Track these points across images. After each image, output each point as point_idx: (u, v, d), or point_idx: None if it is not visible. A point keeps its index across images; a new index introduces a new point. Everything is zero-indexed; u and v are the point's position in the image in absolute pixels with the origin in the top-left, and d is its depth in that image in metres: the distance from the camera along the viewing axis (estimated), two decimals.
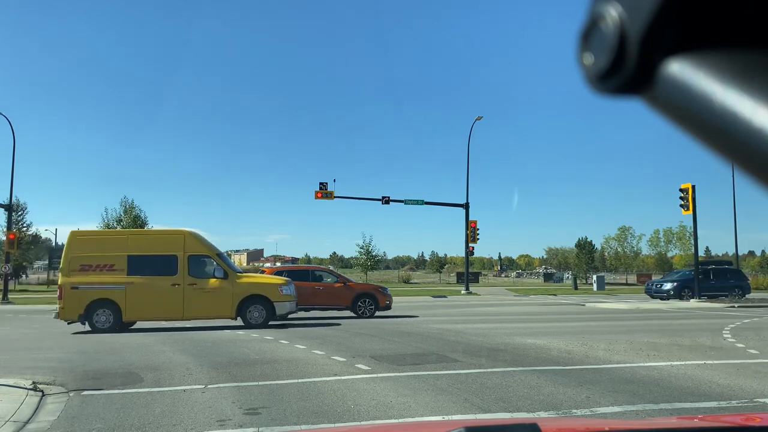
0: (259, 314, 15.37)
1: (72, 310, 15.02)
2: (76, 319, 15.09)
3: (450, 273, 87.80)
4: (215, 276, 15.41)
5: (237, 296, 15.33)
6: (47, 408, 6.48)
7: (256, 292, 15.49)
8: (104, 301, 15.01)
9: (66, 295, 15.06)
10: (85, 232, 16.51)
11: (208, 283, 15.33)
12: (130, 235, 16.78)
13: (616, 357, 9.62)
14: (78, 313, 14.99)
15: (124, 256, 15.22)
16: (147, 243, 15.72)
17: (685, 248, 62.87)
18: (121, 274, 15.13)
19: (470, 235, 37.40)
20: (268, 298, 15.45)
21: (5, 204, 34.20)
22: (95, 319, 14.96)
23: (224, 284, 15.34)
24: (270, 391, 7.00)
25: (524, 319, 17.84)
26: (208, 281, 15.35)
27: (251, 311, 15.37)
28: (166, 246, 15.50)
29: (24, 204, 56.37)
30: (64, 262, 15.41)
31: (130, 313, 15.13)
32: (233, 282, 15.42)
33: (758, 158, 0.37)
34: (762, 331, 13.70)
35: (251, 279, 16.15)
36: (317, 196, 37.11)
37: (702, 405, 6.23)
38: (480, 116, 38.72)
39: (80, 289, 15.01)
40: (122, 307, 15.00)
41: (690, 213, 27.03)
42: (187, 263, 15.34)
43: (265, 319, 15.38)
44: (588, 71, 0.45)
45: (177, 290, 15.17)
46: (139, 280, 15.09)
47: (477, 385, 7.23)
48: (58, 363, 9.50)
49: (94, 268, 15.13)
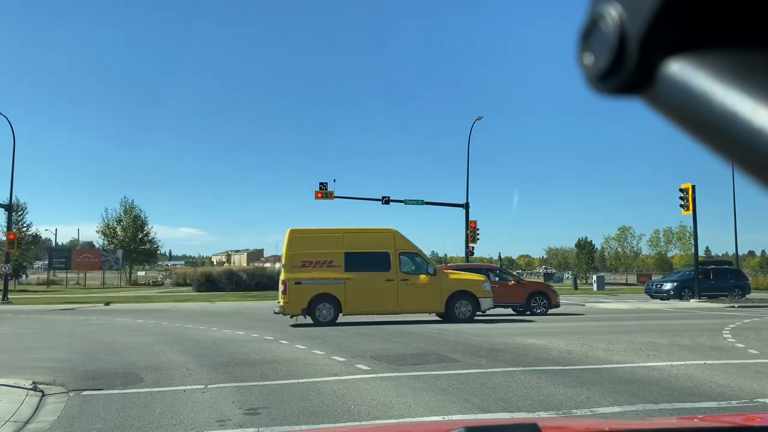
0: (465, 309, 16.35)
1: (296, 304, 15.75)
2: (299, 313, 15.82)
3: None
4: (425, 272, 16.36)
5: (445, 292, 16.27)
6: (47, 408, 6.48)
7: (463, 288, 16.47)
8: (325, 296, 15.85)
9: (290, 290, 15.76)
10: (303, 230, 16.91)
11: (419, 279, 16.23)
12: (344, 233, 17.12)
13: (616, 357, 9.62)
14: (301, 307, 15.73)
15: (341, 253, 16.07)
16: (360, 240, 16.51)
17: (685, 248, 62.87)
18: (339, 270, 15.96)
19: (470, 235, 37.38)
20: (473, 294, 16.41)
21: (5, 204, 34.20)
22: (317, 313, 15.78)
23: (433, 280, 16.29)
24: (270, 391, 7.00)
25: (524, 319, 17.84)
26: (419, 277, 16.26)
27: (458, 306, 16.32)
28: (378, 243, 16.41)
29: (24, 204, 56.50)
30: (285, 258, 16.09)
31: (349, 308, 15.96)
32: (441, 278, 16.44)
33: (758, 158, 0.37)
34: (762, 331, 13.70)
35: (457, 276, 17.13)
36: (317, 196, 37.06)
37: (702, 405, 6.23)
38: (480, 116, 38.66)
39: (303, 284, 15.79)
40: (342, 302, 15.88)
41: (690, 213, 27.02)
42: (398, 260, 16.24)
43: (471, 313, 16.36)
44: (588, 71, 0.45)
45: (391, 286, 16.03)
46: (356, 276, 15.95)
47: (477, 385, 7.23)
48: (58, 363, 9.50)
49: (314, 265, 15.94)
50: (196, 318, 18.89)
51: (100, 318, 19.52)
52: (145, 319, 18.52)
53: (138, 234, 60.14)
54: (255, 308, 24.42)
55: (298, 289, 15.71)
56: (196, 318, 18.89)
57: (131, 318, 19.12)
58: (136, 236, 59.92)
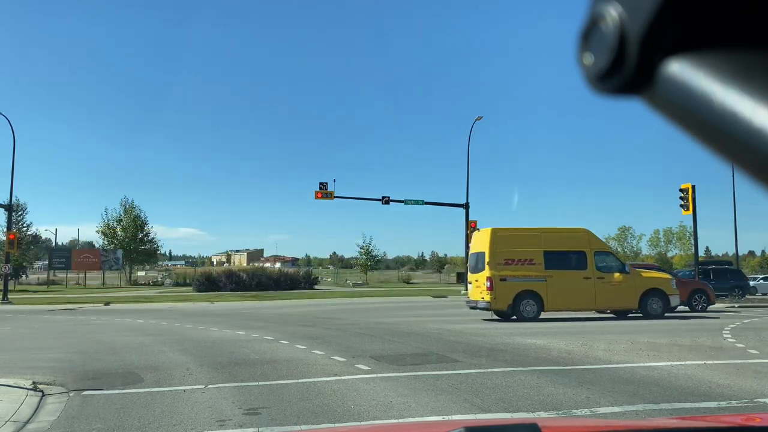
0: (657, 306, 17.08)
1: (502, 300, 16.47)
2: (505, 309, 16.53)
3: (450, 273, 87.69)
4: (619, 271, 17.09)
5: (638, 289, 17.06)
6: (47, 408, 6.48)
7: (654, 286, 17.26)
8: (529, 293, 16.58)
9: (496, 286, 16.44)
10: (504, 230, 17.54)
11: (613, 277, 16.95)
12: (542, 232, 17.66)
13: (616, 357, 9.62)
14: (507, 303, 16.47)
15: (541, 251, 16.79)
16: (557, 239, 17.23)
17: (685, 248, 62.85)
18: (540, 268, 16.68)
19: (470, 235, 37.40)
20: (664, 292, 17.21)
21: (5, 204, 34.19)
22: (522, 309, 16.50)
23: (627, 278, 17.03)
24: (270, 391, 7.00)
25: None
26: (613, 275, 16.98)
27: (651, 303, 17.08)
28: (573, 242, 17.16)
29: (24, 204, 56.50)
30: (489, 256, 16.65)
31: (550, 304, 16.64)
32: (635, 276, 17.19)
33: (758, 158, 0.37)
34: (762, 331, 13.70)
35: (649, 274, 17.86)
36: (317, 196, 37.06)
37: (702, 405, 6.23)
38: (480, 116, 38.66)
39: (508, 281, 16.49)
40: (544, 299, 16.57)
41: (690, 213, 26.98)
42: (593, 258, 16.92)
43: (662, 310, 17.07)
44: (588, 71, 0.45)
45: (588, 283, 16.73)
46: (555, 274, 16.66)
47: (477, 385, 7.23)
48: (58, 363, 9.49)
49: (516, 263, 16.66)
50: (196, 318, 18.88)
51: (100, 318, 19.53)
52: (145, 319, 18.52)
53: (138, 234, 60.14)
54: (255, 308, 24.42)
55: (504, 285, 16.44)
56: (196, 318, 18.88)
57: (131, 318, 19.12)
58: (136, 236, 59.92)
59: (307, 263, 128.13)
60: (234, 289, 40.97)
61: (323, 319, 18.12)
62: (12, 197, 34.00)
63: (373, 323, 16.11)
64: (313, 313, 21.05)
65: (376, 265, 64.75)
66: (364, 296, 34.61)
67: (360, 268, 64.66)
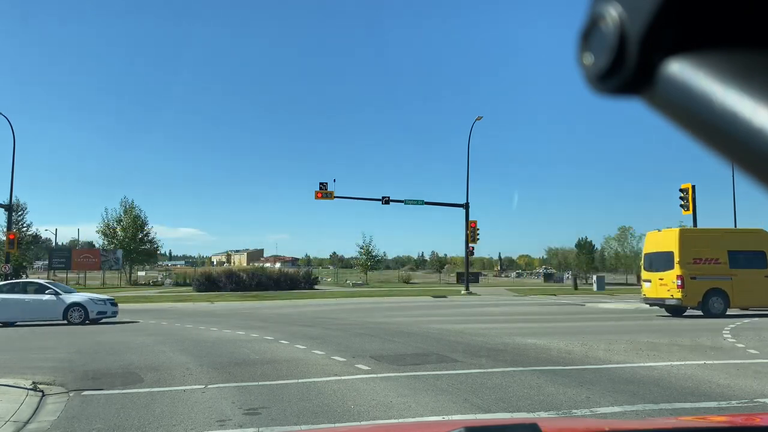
0: None
1: (692, 297, 17.62)
2: (694, 305, 17.66)
3: (450, 273, 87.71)
4: None
5: None
6: (47, 408, 6.48)
7: None
8: (716, 290, 17.72)
9: (687, 284, 17.52)
10: (691, 230, 19.42)
11: None
12: (724, 233, 19.13)
13: (616, 357, 9.62)
14: (697, 300, 17.65)
15: (725, 251, 17.86)
16: (738, 239, 18.49)
17: None
18: (725, 267, 17.78)
19: (470, 235, 37.40)
20: None
21: (5, 204, 34.20)
22: (710, 305, 17.66)
23: None
24: (270, 391, 7.00)
25: (524, 320, 17.84)
26: None
27: None
28: (752, 242, 18.26)
29: (24, 204, 56.41)
30: (679, 256, 17.65)
31: (736, 301, 17.85)
32: None
33: (758, 158, 0.37)
34: (762, 331, 13.70)
35: None
36: (317, 196, 37.08)
37: (702, 405, 6.23)
38: (480, 116, 38.67)
39: (697, 279, 17.60)
40: (730, 296, 17.72)
41: (690, 213, 27.00)
42: None
43: None
44: (588, 71, 0.45)
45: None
46: (739, 272, 17.76)
47: (477, 385, 7.23)
48: (58, 363, 9.50)
49: (703, 261, 17.75)
50: (196, 318, 18.89)
51: None
52: (145, 319, 18.52)
53: (138, 234, 60.09)
54: (255, 308, 24.43)
55: (693, 283, 17.53)
56: (196, 318, 18.89)
57: (131, 318, 19.12)
58: (136, 236, 59.88)
59: (307, 263, 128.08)
60: (234, 289, 40.96)
61: (323, 319, 18.12)
62: (12, 197, 34.03)
63: (373, 323, 16.11)
64: (313, 313, 21.06)
65: (376, 265, 64.75)
66: (364, 296, 34.61)
67: (360, 268, 64.63)
